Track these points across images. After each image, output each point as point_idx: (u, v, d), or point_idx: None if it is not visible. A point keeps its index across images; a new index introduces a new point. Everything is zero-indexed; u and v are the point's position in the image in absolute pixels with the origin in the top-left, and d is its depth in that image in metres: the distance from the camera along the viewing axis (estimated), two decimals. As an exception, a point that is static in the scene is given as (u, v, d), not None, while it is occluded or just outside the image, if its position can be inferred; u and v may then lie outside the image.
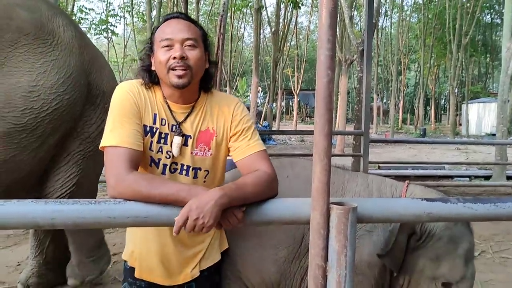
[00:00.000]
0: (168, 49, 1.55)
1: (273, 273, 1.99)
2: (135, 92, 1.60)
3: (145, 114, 1.59)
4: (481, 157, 14.94)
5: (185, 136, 1.63)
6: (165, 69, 1.55)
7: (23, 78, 2.52)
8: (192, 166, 1.64)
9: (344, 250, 1.19)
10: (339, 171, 2.17)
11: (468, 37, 25.36)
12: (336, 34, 4.39)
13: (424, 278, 1.97)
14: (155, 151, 1.60)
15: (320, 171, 1.19)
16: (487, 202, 1.36)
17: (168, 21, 1.62)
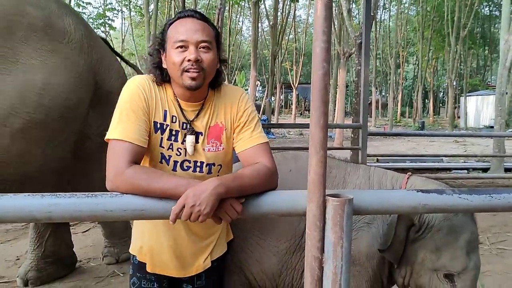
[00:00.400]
0: (183, 50, 1.53)
1: (274, 264, 2.01)
2: (146, 87, 1.59)
3: (155, 110, 1.59)
4: (479, 149, 14.96)
5: (197, 134, 1.63)
6: (178, 71, 1.54)
7: (36, 75, 2.56)
8: (206, 162, 1.65)
9: (340, 242, 1.19)
10: (341, 164, 2.18)
11: (467, 29, 25.33)
12: (335, 27, 4.44)
13: (425, 269, 1.98)
14: (165, 147, 1.60)
15: (316, 163, 1.19)
16: (483, 193, 1.37)
17: (183, 19, 1.59)
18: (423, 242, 1.97)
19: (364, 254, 1.98)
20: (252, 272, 2.03)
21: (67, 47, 2.79)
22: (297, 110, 36.81)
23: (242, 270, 2.04)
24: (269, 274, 2.02)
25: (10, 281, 3.54)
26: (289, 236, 1.99)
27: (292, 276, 2.04)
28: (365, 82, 6.21)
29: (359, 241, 1.97)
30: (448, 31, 26.25)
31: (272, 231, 1.99)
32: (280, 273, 2.02)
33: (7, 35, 2.50)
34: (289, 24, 26.99)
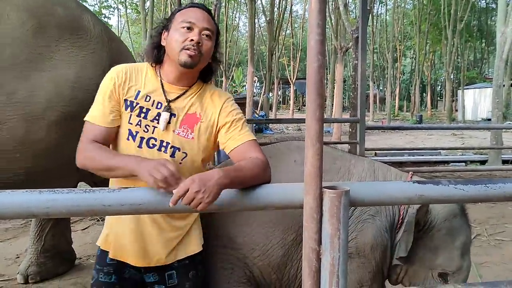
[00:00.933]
0: (188, 31, 1.65)
1: (280, 257, 2.01)
2: (120, 72, 1.70)
3: (128, 90, 1.70)
4: (477, 142, 15.00)
5: (171, 114, 1.70)
6: (178, 47, 1.64)
7: (69, 70, 2.77)
8: (171, 144, 1.69)
9: (337, 233, 1.20)
10: (345, 155, 2.19)
11: (463, 22, 25.34)
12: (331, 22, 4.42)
13: (422, 267, 2.01)
14: (134, 124, 1.67)
15: (312, 156, 1.19)
16: (478, 183, 1.38)
17: (193, 8, 1.73)
18: (423, 241, 2.01)
19: (369, 246, 1.99)
20: (258, 266, 2.03)
21: (91, 42, 2.97)
22: (295, 106, 36.80)
23: (247, 264, 2.03)
24: (275, 266, 2.03)
25: (10, 279, 3.55)
26: (296, 227, 1.99)
27: (297, 267, 2.05)
28: (362, 76, 6.21)
29: (364, 233, 1.98)
30: (445, 24, 26.26)
31: (280, 224, 2.00)
32: (286, 264, 2.03)
33: (41, 35, 2.70)
34: (286, 19, 26.97)
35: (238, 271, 2.03)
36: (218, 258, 2.01)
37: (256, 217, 2.01)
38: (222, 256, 2.01)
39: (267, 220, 2.01)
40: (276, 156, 2.13)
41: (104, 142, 1.64)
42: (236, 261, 2.02)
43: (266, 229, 2.01)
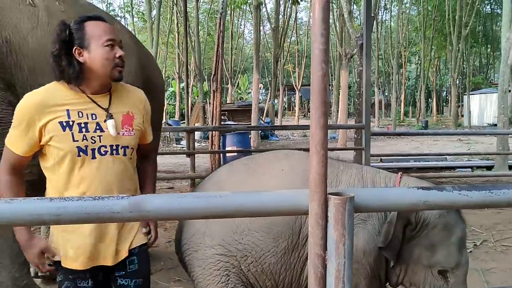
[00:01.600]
0: (112, 48, 1.77)
1: (273, 264, 2.04)
2: (37, 100, 1.74)
3: (56, 113, 1.73)
4: (483, 147, 14.92)
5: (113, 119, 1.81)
6: (110, 65, 1.77)
7: None
8: (121, 145, 1.82)
9: (343, 239, 1.21)
10: (333, 162, 2.20)
11: (468, 28, 25.30)
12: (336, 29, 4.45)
13: (421, 266, 2.02)
14: (80, 140, 1.74)
15: (317, 163, 1.21)
16: (482, 189, 1.38)
17: (97, 21, 1.80)
18: (419, 240, 2.01)
19: (361, 251, 2.01)
20: (252, 272, 2.06)
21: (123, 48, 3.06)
22: (300, 112, 36.81)
23: (242, 271, 2.06)
24: (269, 274, 2.05)
25: (18, 287, 3.57)
26: (287, 235, 2.01)
27: (291, 276, 2.06)
28: (367, 82, 6.24)
29: (356, 238, 1.99)
30: (449, 30, 26.26)
31: (270, 231, 2.02)
32: (280, 273, 2.05)
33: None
34: (291, 26, 27.05)
35: (234, 278, 2.05)
36: (214, 266, 2.04)
37: (248, 225, 2.04)
38: (218, 263, 2.04)
39: (258, 228, 2.03)
40: (264, 164, 2.15)
41: (19, 168, 1.79)
42: (231, 268, 2.05)
43: (257, 236, 2.03)
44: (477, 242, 4.63)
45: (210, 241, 2.06)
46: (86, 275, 1.81)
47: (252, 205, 1.37)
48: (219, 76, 7.70)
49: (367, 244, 2.01)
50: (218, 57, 7.77)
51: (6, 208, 1.18)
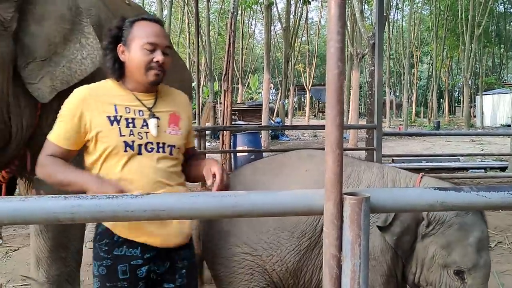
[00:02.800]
0: (151, 53, 1.73)
1: (296, 262, 2.06)
2: (86, 95, 1.76)
3: (103, 108, 1.75)
4: (496, 148, 14.75)
5: (157, 118, 1.80)
6: (144, 69, 1.74)
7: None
8: (168, 143, 1.81)
9: (358, 240, 1.20)
10: (355, 162, 2.22)
11: (481, 27, 25.06)
12: (347, 28, 4.42)
13: (436, 265, 2.00)
14: (126, 135, 1.74)
15: (332, 162, 1.20)
16: (501, 190, 1.36)
17: (149, 22, 1.79)
18: (434, 238, 2.00)
19: (378, 249, 2.01)
20: (277, 272, 2.08)
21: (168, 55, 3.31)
22: (311, 112, 36.74)
23: (266, 270, 2.08)
24: (292, 272, 2.08)
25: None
26: (310, 234, 2.04)
27: (311, 272, 2.09)
28: (378, 82, 6.19)
29: (374, 235, 2.00)
30: (462, 29, 26.03)
31: (295, 230, 2.04)
32: (302, 270, 2.08)
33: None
34: (302, 26, 26.99)
35: (258, 277, 2.07)
36: (238, 264, 2.06)
37: (273, 224, 2.05)
38: (243, 262, 2.06)
39: (283, 227, 2.05)
40: (288, 165, 2.16)
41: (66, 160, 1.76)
42: (256, 267, 2.07)
43: (282, 236, 2.05)
44: (492, 244, 4.57)
45: (235, 240, 2.07)
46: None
47: (266, 205, 1.36)
48: (230, 76, 7.71)
49: (384, 242, 2.01)
50: (229, 57, 7.78)
51: (21, 206, 1.19)
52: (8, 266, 3.99)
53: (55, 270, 2.61)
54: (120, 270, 1.74)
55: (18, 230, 5.05)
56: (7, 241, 4.69)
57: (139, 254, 1.76)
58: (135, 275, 1.75)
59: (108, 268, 1.75)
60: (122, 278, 1.73)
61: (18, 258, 4.18)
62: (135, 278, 1.75)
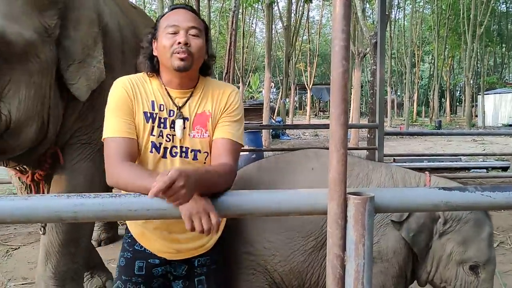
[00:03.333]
0: (173, 35, 1.62)
1: (301, 263, 2.02)
2: (128, 85, 1.67)
3: (142, 102, 1.66)
4: (498, 148, 14.73)
5: (184, 119, 1.69)
6: (168, 53, 1.62)
7: None
8: (191, 148, 1.69)
9: (362, 240, 1.19)
10: (362, 162, 2.20)
11: (483, 27, 25.02)
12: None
13: (453, 262, 2.02)
14: (156, 135, 1.66)
15: (337, 161, 1.19)
16: (506, 190, 1.35)
17: (176, 10, 1.71)
18: (452, 235, 2.02)
19: (391, 250, 2.00)
20: (279, 272, 2.04)
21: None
22: (312, 111, 36.68)
23: (268, 270, 2.04)
24: (296, 273, 2.04)
25: (33, 282, 3.60)
26: (317, 234, 2.00)
27: (318, 274, 2.05)
28: (381, 81, 6.17)
29: (387, 237, 1.99)
30: (464, 29, 26.01)
31: (301, 230, 2.00)
32: (307, 271, 2.04)
33: None
34: (303, 25, 26.97)
35: (260, 277, 2.04)
36: (240, 263, 2.03)
37: (277, 223, 2.01)
38: (244, 261, 2.03)
39: (288, 226, 2.01)
40: (294, 163, 2.14)
41: (133, 155, 1.60)
42: (258, 267, 2.03)
43: (287, 235, 2.01)
44: (494, 244, 4.55)
45: (239, 238, 2.03)
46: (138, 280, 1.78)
47: (270, 205, 1.36)
48: (231, 75, 7.71)
49: (397, 243, 2.00)
50: (230, 55, 7.77)
51: (24, 205, 1.18)
52: (9, 265, 3.99)
53: (63, 265, 2.69)
54: (137, 266, 1.78)
55: (18, 229, 5.05)
56: (8, 240, 4.69)
57: (156, 254, 1.79)
58: (150, 273, 1.79)
59: (127, 260, 1.80)
60: (137, 274, 1.78)
61: (19, 257, 4.19)
62: (150, 276, 1.79)
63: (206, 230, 1.32)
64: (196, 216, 1.31)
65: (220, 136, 1.69)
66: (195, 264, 1.81)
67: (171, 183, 1.22)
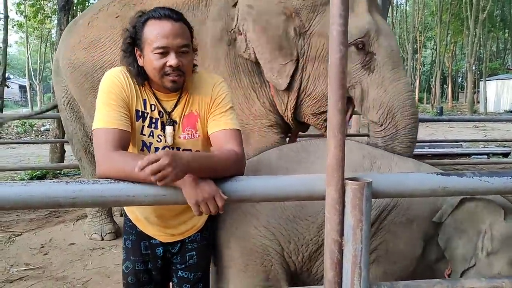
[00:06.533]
0: (162, 56, 1.56)
1: (313, 252, 2.00)
2: (123, 79, 1.63)
3: (136, 99, 1.63)
4: (500, 134, 14.71)
5: (173, 123, 1.68)
6: (158, 74, 1.58)
7: None
8: (182, 148, 1.69)
9: (360, 225, 1.20)
10: (386, 154, 2.11)
11: (486, 12, 24.84)
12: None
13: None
14: (147, 135, 1.66)
15: (334, 147, 1.19)
16: (504, 175, 1.36)
17: (160, 20, 1.57)
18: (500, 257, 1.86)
19: (401, 253, 1.95)
20: (293, 259, 2.02)
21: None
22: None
23: (283, 256, 2.02)
24: (307, 262, 2.02)
25: (35, 268, 3.64)
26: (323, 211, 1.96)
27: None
28: (382, 67, 6.14)
29: (397, 238, 1.93)
30: (466, 14, 25.79)
31: (315, 220, 1.95)
32: (317, 259, 2.01)
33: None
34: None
35: (275, 262, 2.00)
36: (256, 247, 1.99)
37: (293, 211, 1.98)
38: (260, 245, 1.98)
39: (304, 216, 1.97)
40: (314, 152, 2.08)
41: (126, 149, 1.55)
42: (274, 254, 2.00)
43: (302, 225, 1.98)
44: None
45: (255, 221, 1.99)
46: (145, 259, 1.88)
47: (268, 190, 1.36)
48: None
49: (408, 247, 1.94)
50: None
51: (23, 190, 1.19)
52: (12, 251, 4.02)
53: None
54: (143, 246, 1.87)
55: (21, 216, 5.08)
56: (11, 227, 4.72)
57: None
58: (154, 253, 1.87)
59: (133, 242, 1.88)
60: (144, 253, 1.87)
61: (21, 243, 4.22)
62: (155, 255, 1.88)
63: (213, 214, 1.35)
64: (203, 203, 1.33)
65: (216, 129, 1.67)
66: (186, 240, 1.89)
67: (156, 160, 1.22)
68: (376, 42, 2.89)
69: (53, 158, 7.99)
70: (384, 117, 2.92)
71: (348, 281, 1.22)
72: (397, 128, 2.93)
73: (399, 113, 2.90)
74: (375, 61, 2.90)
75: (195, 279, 1.90)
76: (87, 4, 14.43)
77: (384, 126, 2.95)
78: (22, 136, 15.97)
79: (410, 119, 2.93)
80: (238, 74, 3.12)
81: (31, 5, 19.66)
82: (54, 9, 17.65)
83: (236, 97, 3.04)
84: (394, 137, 2.94)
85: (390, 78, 2.90)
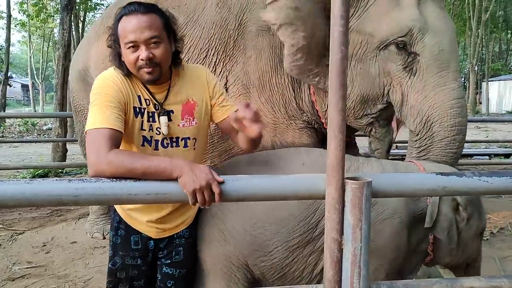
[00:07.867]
0: (134, 50, 1.62)
1: (284, 259, 1.98)
2: (117, 79, 1.67)
3: (132, 97, 1.69)
4: (502, 135, 14.67)
5: (168, 113, 1.73)
6: (134, 68, 1.64)
7: None
8: (181, 137, 1.78)
9: (359, 224, 1.21)
10: (351, 156, 2.16)
11: (488, 13, 24.74)
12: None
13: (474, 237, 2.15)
14: (147, 129, 1.71)
15: (335, 147, 1.20)
16: (503, 175, 1.36)
17: (128, 16, 1.62)
18: (474, 215, 2.10)
19: (388, 247, 1.97)
20: (260, 267, 1.99)
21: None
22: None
23: (247, 266, 2.00)
24: (278, 268, 1.99)
25: (37, 266, 3.65)
26: (303, 230, 1.95)
27: (303, 269, 2.01)
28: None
29: (383, 234, 1.96)
30: (469, 15, 25.70)
31: (286, 225, 1.95)
32: (291, 266, 1.99)
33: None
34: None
35: (238, 274, 2.00)
36: (218, 251, 1.98)
37: (261, 217, 1.95)
38: (224, 253, 1.98)
39: (272, 221, 1.95)
40: (285, 158, 2.11)
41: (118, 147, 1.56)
42: (237, 263, 1.98)
43: (270, 230, 1.95)
44: (494, 230, 4.58)
45: (220, 224, 1.98)
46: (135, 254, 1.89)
47: (268, 189, 1.37)
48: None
49: (394, 240, 1.97)
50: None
51: (26, 188, 1.20)
52: (14, 249, 4.03)
53: None
54: (133, 241, 1.88)
55: (23, 214, 5.10)
56: (13, 225, 4.74)
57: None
58: (146, 246, 1.89)
59: (122, 237, 1.89)
60: (134, 248, 1.88)
61: (23, 242, 4.23)
62: (146, 249, 1.89)
63: (209, 203, 1.37)
64: (199, 192, 1.34)
65: (226, 115, 1.81)
66: (174, 236, 1.91)
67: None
68: (421, 41, 2.53)
69: (55, 157, 8.01)
70: (421, 126, 2.58)
71: (347, 280, 1.23)
72: (433, 140, 2.57)
73: (437, 124, 2.53)
74: (418, 63, 2.55)
75: (180, 275, 1.92)
76: (89, 4, 14.44)
77: (420, 136, 2.61)
78: (24, 135, 16.01)
79: (450, 131, 2.52)
80: (280, 70, 2.83)
81: (33, 4, 19.69)
82: (57, 8, 17.71)
83: (272, 95, 2.84)
84: (429, 149, 2.59)
85: (434, 83, 2.53)
